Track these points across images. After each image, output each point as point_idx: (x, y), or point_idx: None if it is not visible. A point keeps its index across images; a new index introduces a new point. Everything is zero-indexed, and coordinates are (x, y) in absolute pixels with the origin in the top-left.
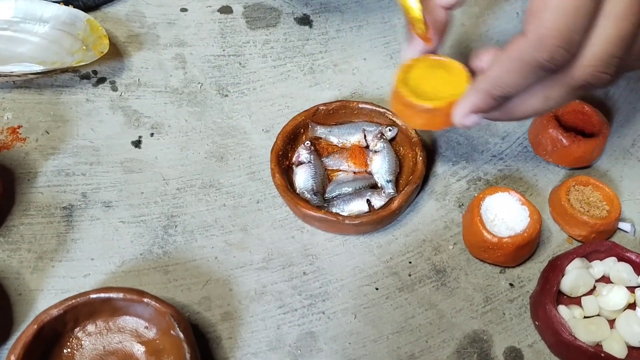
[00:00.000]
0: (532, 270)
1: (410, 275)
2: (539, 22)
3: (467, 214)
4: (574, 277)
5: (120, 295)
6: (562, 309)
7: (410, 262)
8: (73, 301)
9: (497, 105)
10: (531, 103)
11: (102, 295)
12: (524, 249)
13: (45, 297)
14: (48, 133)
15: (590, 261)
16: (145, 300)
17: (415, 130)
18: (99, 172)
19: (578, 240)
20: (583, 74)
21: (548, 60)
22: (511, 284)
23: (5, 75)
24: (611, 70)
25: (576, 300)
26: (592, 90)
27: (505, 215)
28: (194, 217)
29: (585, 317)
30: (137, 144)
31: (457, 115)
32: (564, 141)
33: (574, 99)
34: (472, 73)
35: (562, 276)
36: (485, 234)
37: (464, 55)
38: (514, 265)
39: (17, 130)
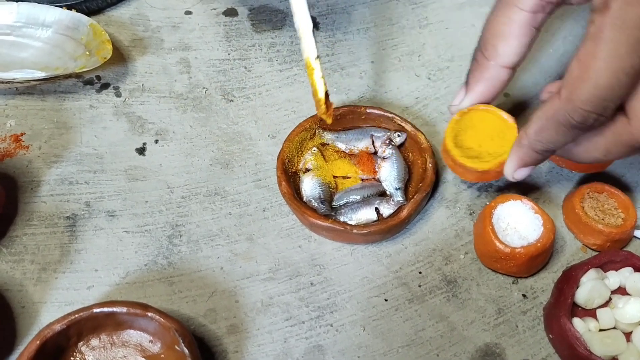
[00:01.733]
0: (546, 281)
1: (420, 286)
2: (574, 89)
3: (478, 222)
4: (589, 288)
5: (124, 309)
6: (577, 322)
7: (420, 272)
8: (76, 315)
9: (543, 158)
10: (593, 154)
11: (106, 309)
12: (537, 259)
13: (49, 309)
14: (51, 140)
15: (605, 271)
16: (150, 314)
17: (424, 135)
18: (102, 181)
19: (593, 249)
20: None
21: (580, 123)
22: (524, 295)
23: (8, 82)
24: None
25: (591, 313)
26: None
27: (518, 224)
28: (199, 226)
29: (600, 330)
30: (141, 151)
31: (507, 172)
32: None
33: (638, 154)
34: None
35: (577, 288)
36: (498, 244)
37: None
38: (527, 275)
39: (20, 137)
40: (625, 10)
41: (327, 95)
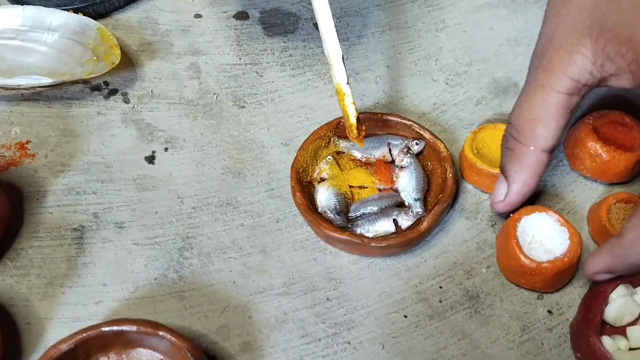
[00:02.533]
0: (572, 296)
1: (441, 301)
2: None
3: (502, 235)
4: (619, 305)
5: (134, 328)
6: (606, 340)
7: (440, 287)
8: (84, 334)
9: (633, 272)
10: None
11: (115, 328)
12: (564, 274)
13: (56, 326)
14: (58, 148)
15: (634, 287)
16: (160, 333)
17: (443, 143)
18: (111, 191)
19: None
20: None
21: None
22: (549, 311)
23: (13, 89)
24: None
25: (620, 330)
26: None
27: (543, 237)
28: (211, 238)
29: (631, 349)
30: (150, 159)
31: (589, 271)
32: (604, 155)
33: None
34: None
35: (606, 305)
36: (523, 258)
37: (491, 60)
38: (553, 290)
39: (26, 145)
40: None
41: (358, 120)
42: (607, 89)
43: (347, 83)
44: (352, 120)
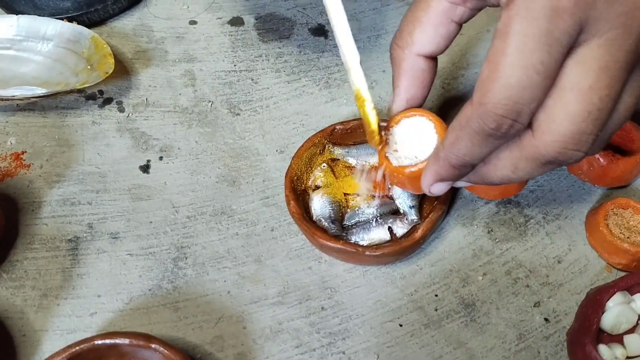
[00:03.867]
0: (569, 303)
1: (436, 309)
2: (484, 93)
3: None
4: (616, 313)
5: (127, 340)
6: (603, 349)
7: (436, 295)
8: (77, 348)
9: (462, 173)
10: (501, 171)
11: (108, 341)
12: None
13: (50, 338)
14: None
15: (632, 294)
16: (153, 346)
17: None
18: (105, 201)
19: (618, 269)
20: (550, 149)
21: (495, 130)
22: (546, 319)
23: (8, 99)
24: (584, 147)
25: (617, 338)
26: (568, 165)
27: (412, 142)
28: (205, 247)
29: (628, 358)
30: (145, 168)
31: (423, 186)
32: (601, 160)
33: (548, 171)
34: None
35: (603, 313)
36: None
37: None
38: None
39: (21, 156)
40: (532, 1)
41: (379, 126)
42: None
43: (369, 88)
44: (374, 126)
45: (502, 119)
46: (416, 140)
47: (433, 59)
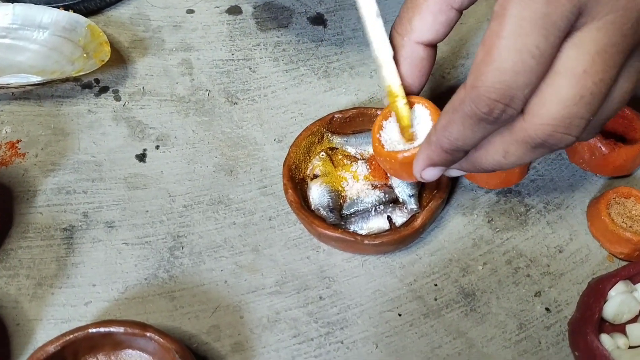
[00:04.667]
0: (570, 293)
1: (436, 299)
2: (479, 75)
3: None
4: (618, 303)
5: (121, 329)
6: (605, 338)
7: (435, 285)
8: (71, 336)
9: (454, 159)
10: (493, 156)
11: (102, 329)
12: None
13: (45, 327)
14: (48, 147)
15: (634, 284)
16: (148, 334)
17: None
18: (101, 190)
19: (620, 259)
20: (540, 133)
21: (487, 114)
22: (547, 309)
23: (3, 87)
24: (575, 131)
25: (620, 328)
26: (559, 149)
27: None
28: (202, 237)
29: (630, 347)
30: (141, 157)
31: (415, 171)
32: (603, 149)
33: (540, 156)
34: None
35: (604, 302)
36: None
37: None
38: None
39: (16, 144)
40: None
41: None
42: None
43: (400, 85)
44: (407, 121)
45: (495, 103)
46: (411, 127)
47: (432, 46)
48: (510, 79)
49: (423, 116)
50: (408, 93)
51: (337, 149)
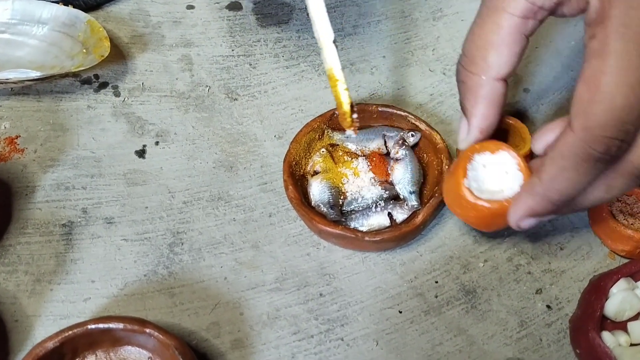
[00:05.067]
0: (572, 290)
1: (436, 296)
2: (589, 116)
3: (456, 161)
4: (619, 300)
5: (121, 325)
6: (606, 336)
7: (436, 282)
8: (70, 332)
9: (559, 209)
10: (594, 195)
11: (101, 325)
12: (500, 217)
13: (43, 323)
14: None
15: (636, 281)
16: (148, 330)
17: (440, 135)
18: (100, 186)
19: (621, 256)
20: None
21: (604, 153)
22: (548, 306)
23: (2, 82)
24: None
25: (621, 325)
26: None
27: (494, 175)
28: (202, 233)
29: (632, 345)
30: (141, 153)
31: (512, 220)
32: None
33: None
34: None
35: (606, 299)
36: (464, 190)
37: None
38: (487, 230)
39: (15, 140)
40: (630, 16)
41: (352, 107)
42: None
43: (342, 68)
44: (346, 107)
45: (611, 141)
46: (497, 175)
47: (507, 80)
48: (624, 115)
49: (509, 164)
50: (485, 135)
51: (338, 145)
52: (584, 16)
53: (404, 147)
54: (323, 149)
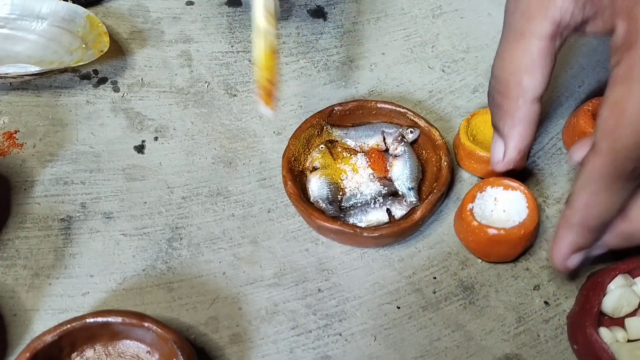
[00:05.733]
0: (569, 287)
1: (435, 292)
2: (616, 139)
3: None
4: (617, 296)
5: (119, 319)
6: (604, 332)
7: (434, 278)
8: (68, 326)
9: (598, 235)
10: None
11: (100, 319)
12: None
13: (42, 317)
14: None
15: (633, 277)
16: (146, 324)
17: (438, 131)
18: (99, 181)
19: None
20: None
21: (633, 171)
22: (546, 302)
23: (1, 77)
24: None
25: (619, 322)
26: None
27: (502, 206)
28: (201, 228)
29: (629, 341)
30: (140, 149)
31: (558, 260)
32: None
33: None
34: None
35: (604, 295)
36: (473, 220)
37: (489, 47)
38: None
39: (14, 135)
40: None
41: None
42: (606, 74)
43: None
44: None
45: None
46: (504, 209)
47: (541, 100)
48: None
49: (517, 201)
50: (522, 154)
51: (337, 141)
52: (610, 40)
53: (402, 143)
54: (322, 145)
